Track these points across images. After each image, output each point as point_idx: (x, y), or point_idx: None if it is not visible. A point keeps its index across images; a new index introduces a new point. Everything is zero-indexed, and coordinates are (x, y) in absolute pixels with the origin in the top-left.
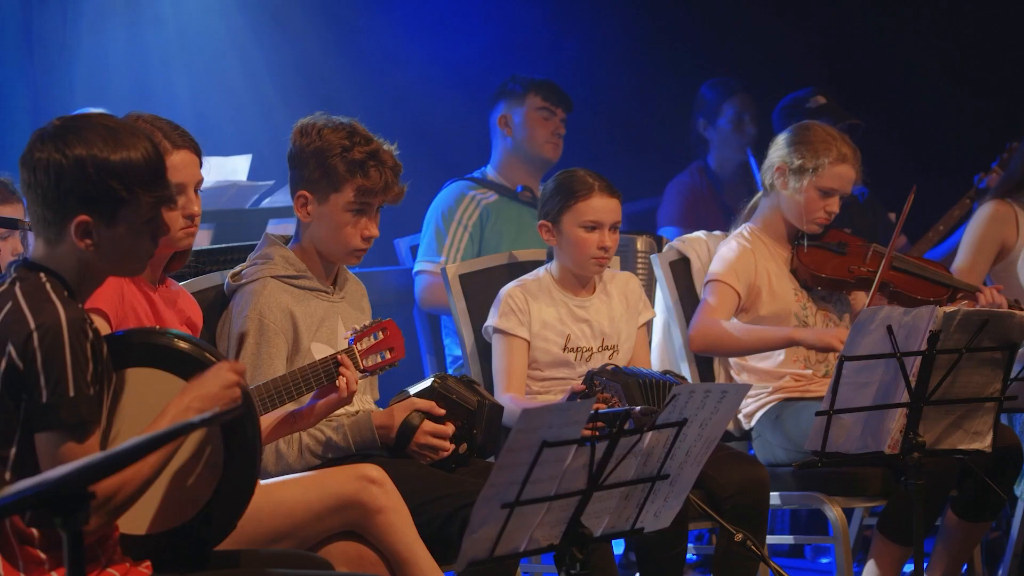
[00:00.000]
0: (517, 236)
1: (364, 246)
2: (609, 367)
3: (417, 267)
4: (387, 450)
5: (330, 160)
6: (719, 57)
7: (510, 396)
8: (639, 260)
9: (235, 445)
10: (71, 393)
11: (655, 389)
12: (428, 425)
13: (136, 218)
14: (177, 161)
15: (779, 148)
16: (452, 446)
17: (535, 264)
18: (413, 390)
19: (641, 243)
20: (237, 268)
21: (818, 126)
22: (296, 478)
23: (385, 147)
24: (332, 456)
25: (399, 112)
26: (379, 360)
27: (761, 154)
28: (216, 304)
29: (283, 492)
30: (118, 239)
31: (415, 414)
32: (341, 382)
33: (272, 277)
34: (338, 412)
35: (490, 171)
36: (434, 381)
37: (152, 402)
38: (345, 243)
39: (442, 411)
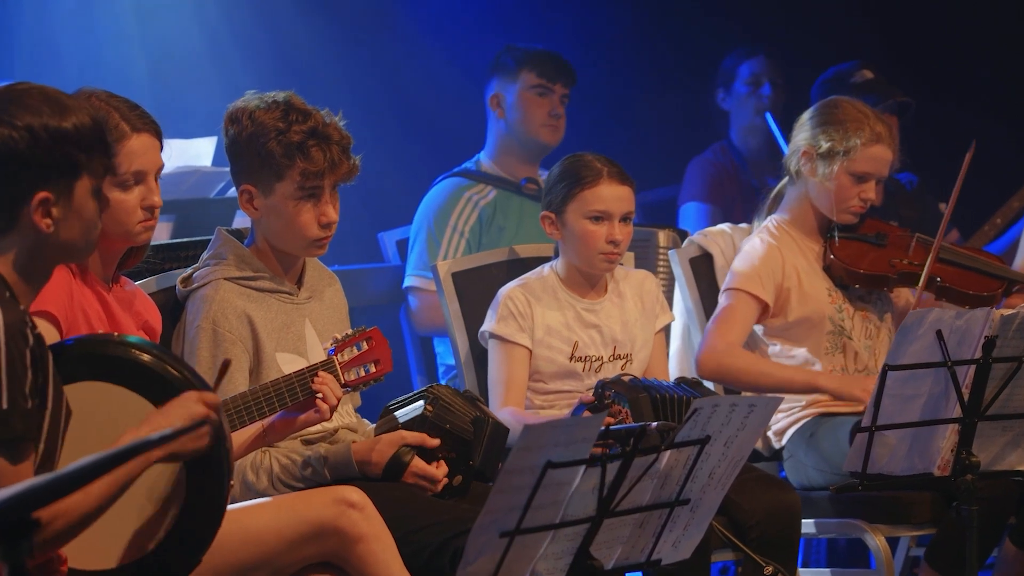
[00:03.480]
0: (518, 230)
1: (324, 234)
2: (626, 378)
3: (407, 282)
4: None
5: (267, 146)
6: (748, 28)
7: (509, 410)
8: (660, 257)
9: (201, 468)
10: (4, 405)
11: (673, 406)
12: (418, 464)
13: (91, 187)
14: (136, 146)
15: (804, 129)
16: (444, 482)
17: (538, 261)
18: (401, 417)
19: (663, 237)
20: (188, 271)
21: (847, 102)
22: (267, 502)
23: (327, 120)
24: (305, 486)
25: (385, 89)
26: (363, 373)
27: (782, 121)
28: (172, 309)
29: (252, 518)
30: (77, 213)
31: (404, 450)
32: (320, 403)
33: (225, 279)
34: (315, 429)
35: (484, 159)
36: (425, 408)
37: (106, 421)
38: (302, 235)
39: (435, 442)
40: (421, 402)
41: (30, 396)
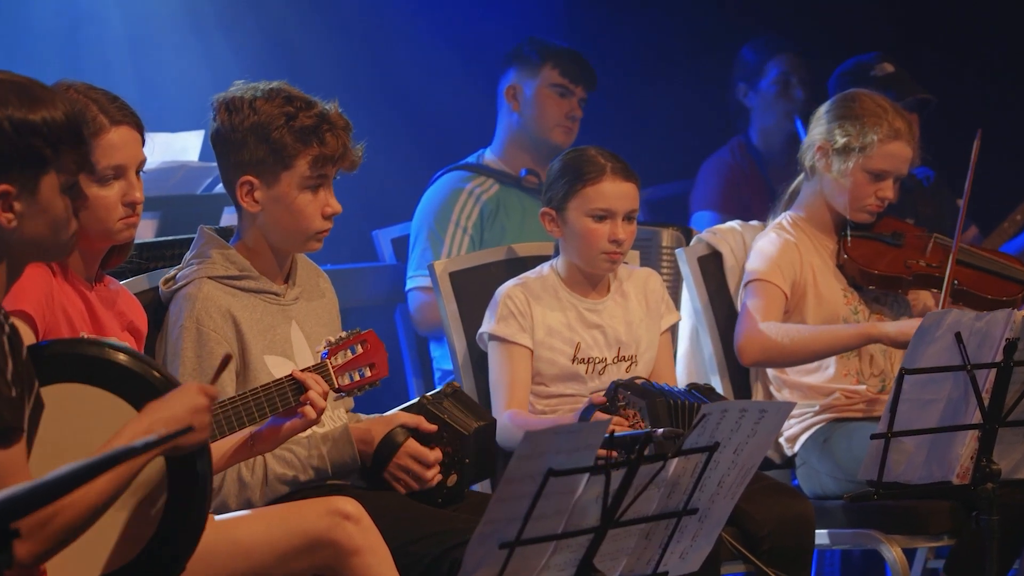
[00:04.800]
0: (521, 228)
1: (327, 226)
2: (639, 380)
3: (410, 283)
4: (363, 472)
5: (274, 134)
6: (764, 17)
7: (510, 414)
8: (664, 257)
9: (182, 474)
10: None
11: (686, 412)
12: (412, 445)
13: (60, 182)
14: (116, 139)
15: (820, 124)
16: (438, 475)
17: (538, 260)
18: (398, 408)
19: (667, 237)
20: (171, 272)
21: (866, 96)
22: (257, 513)
23: (328, 107)
24: (305, 480)
25: (380, 81)
26: (357, 378)
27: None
28: (155, 311)
29: (241, 529)
30: (43, 209)
31: (399, 430)
32: (307, 400)
33: (209, 278)
34: (307, 434)
35: (489, 155)
36: (422, 398)
37: (84, 424)
38: (306, 226)
39: (432, 427)
40: (420, 397)
41: (12, 384)
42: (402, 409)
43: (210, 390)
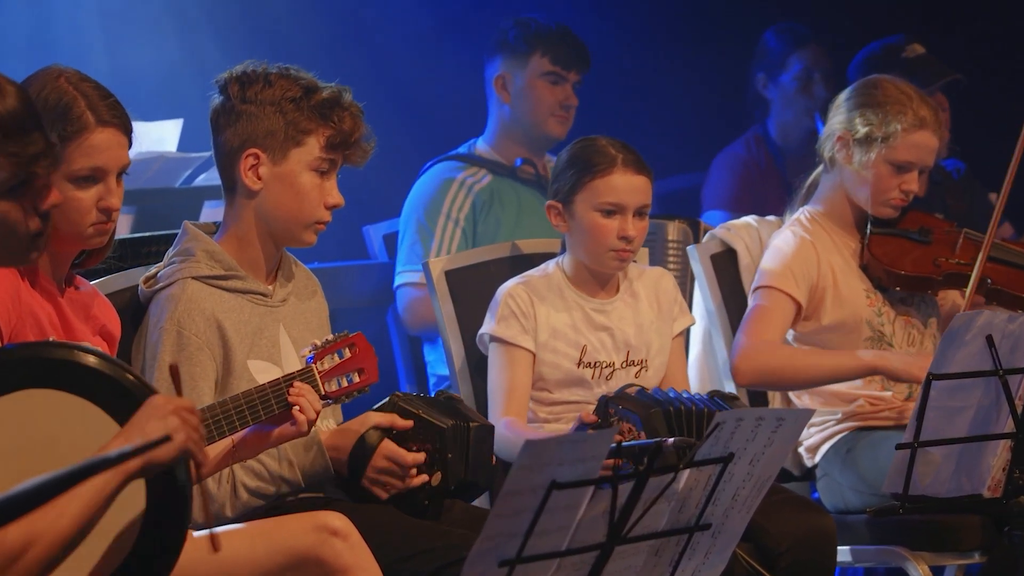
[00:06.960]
0: (517, 221)
1: (327, 217)
2: (631, 389)
3: (399, 280)
4: (341, 480)
5: (290, 106)
6: (783, 1)
7: (508, 421)
8: (671, 251)
9: (160, 485)
10: None
11: (691, 420)
12: (388, 446)
13: None
14: (99, 141)
15: (840, 112)
16: (420, 475)
17: (543, 257)
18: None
19: (673, 230)
20: (152, 270)
21: (889, 82)
22: (240, 529)
23: (343, 92)
24: (275, 492)
25: (372, 68)
26: (345, 384)
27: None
28: (135, 312)
29: (224, 546)
30: None
31: (372, 432)
32: (297, 414)
33: (193, 278)
34: None
35: (481, 145)
36: (393, 395)
37: (54, 432)
38: (308, 212)
39: (408, 423)
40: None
41: None
42: (373, 410)
43: (183, 403)
